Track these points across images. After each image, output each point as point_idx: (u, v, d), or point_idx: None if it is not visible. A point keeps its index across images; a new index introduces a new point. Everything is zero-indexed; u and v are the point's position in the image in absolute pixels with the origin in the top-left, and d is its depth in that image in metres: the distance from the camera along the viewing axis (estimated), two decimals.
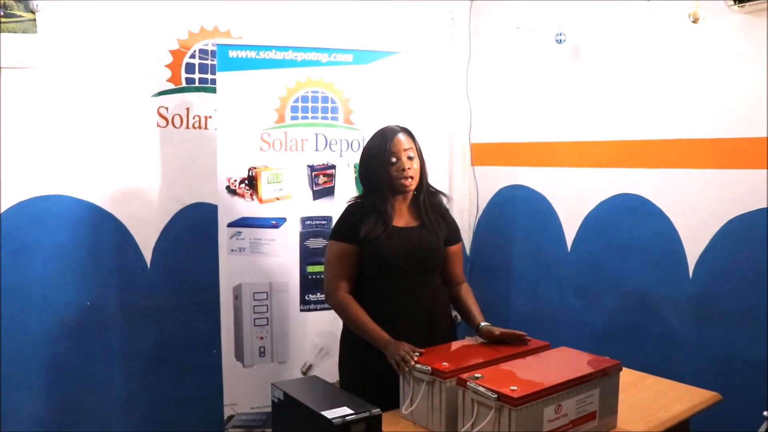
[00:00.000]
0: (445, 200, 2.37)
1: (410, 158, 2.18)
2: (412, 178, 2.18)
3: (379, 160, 2.19)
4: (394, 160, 2.18)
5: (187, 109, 3.02)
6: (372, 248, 2.18)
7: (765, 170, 2.61)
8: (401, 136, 2.20)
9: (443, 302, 2.30)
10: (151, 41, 2.91)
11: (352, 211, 2.26)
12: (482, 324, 2.20)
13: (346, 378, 2.30)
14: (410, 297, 2.20)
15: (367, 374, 2.19)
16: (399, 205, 2.25)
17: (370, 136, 2.27)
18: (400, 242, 2.18)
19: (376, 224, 2.18)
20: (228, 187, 2.83)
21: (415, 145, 2.23)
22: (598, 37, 3.19)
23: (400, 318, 2.18)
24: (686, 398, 2.15)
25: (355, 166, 2.93)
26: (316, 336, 2.91)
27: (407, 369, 1.96)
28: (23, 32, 2.60)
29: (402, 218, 2.25)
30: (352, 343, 2.24)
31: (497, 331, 2.14)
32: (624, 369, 1.99)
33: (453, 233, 2.33)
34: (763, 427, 2.07)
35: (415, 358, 1.96)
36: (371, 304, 2.20)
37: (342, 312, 2.22)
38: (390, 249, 2.16)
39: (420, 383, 1.93)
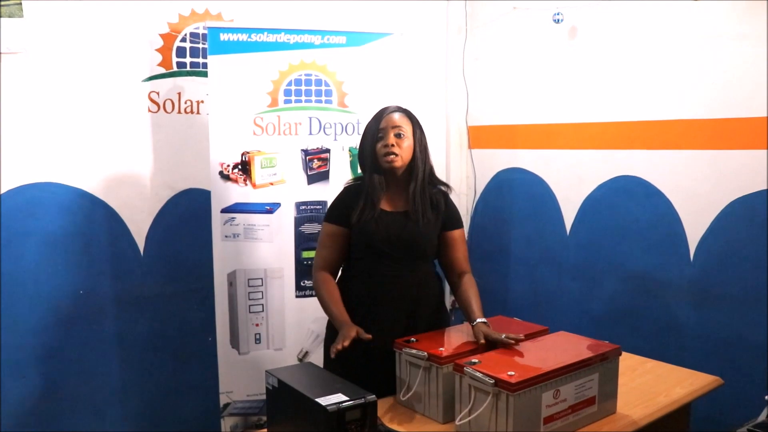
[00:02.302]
0: (447, 191, 2.30)
1: (398, 136, 2.12)
2: (396, 155, 2.11)
3: (369, 136, 2.17)
4: (380, 135, 2.14)
5: (179, 93, 2.98)
6: (359, 230, 2.15)
7: (766, 151, 2.58)
8: (395, 115, 2.15)
9: (431, 291, 2.25)
10: (140, 25, 2.87)
11: (345, 194, 2.23)
12: (477, 321, 2.07)
13: (330, 359, 2.27)
14: (394, 282, 2.16)
15: (351, 357, 2.15)
16: (391, 188, 2.20)
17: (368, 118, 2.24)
18: (386, 227, 2.14)
19: (365, 208, 2.15)
20: (221, 173, 2.80)
21: (412, 128, 2.17)
22: (596, 16, 3.15)
23: (382, 302, 2.15)
24: (687, 382, 2.14)
25: (350, 150, 2.90)
26: (312, 322, 2.89)
27: (332, 356, 1.91)
28: (9, 17, 2.55)
29: (392, 202, 2.20)
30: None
31: (483, 338, 1.98)
32: (624, 353, 1.98)
33: (450, 219, 2.26)
34: (765, 412, 2.04)
35: (339, 347, 1.89)
36: (356, 286, 2.19)
37: (316, 289, 2.20)
38: (376, 233, 2.13)
39: (417, 369, 1.92)
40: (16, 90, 2.62)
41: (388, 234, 2.14)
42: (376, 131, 2.15)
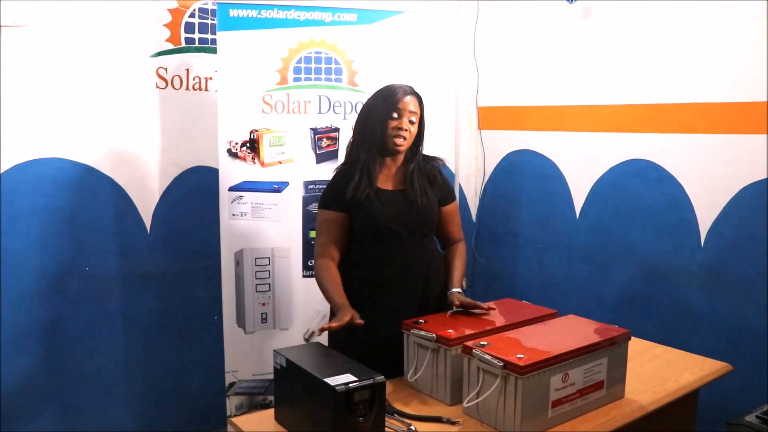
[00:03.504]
0: (440, 164, 2.29)
1: (411, 122, 2.12)
2: (405, 139, 2.11)
3: (383, 112, 2.11)
4: (395, 115, 2.10)
5: (187, 70, 2.95)
6: (361, 212, 2.11)
7: None
8: (410, 98, 2.12)
9: (438, 267, 2.23)
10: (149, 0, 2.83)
11: (338, 178, 2.19)
12: (452, 290, 2.15)
13: (334, 342, 2.26)
14: (403, 262, 2.14)
15: (357, 341, 2.15)
16: (388, 168, 2.18)
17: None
18: (392, 205, 2.12)
19: (360, 184, 2.11)
20: (229, 150, 2.78)
21: (420, 112, 2.16)
22: None
23: (393, 284, 2.13)
24: (696, 368, 2.13)
25: None
26: (319, 302, 2.84)
27: (319, 330, 1.94)
28: None
29: (390, 182, 2.18)
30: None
31: (458, 301, 2.10)
32: (633, 338, 1.97)
33: (446, 193, 2.25)
34: None
35: (327, 326, 1.90)
36: (364, 270, 2.15)
37: (316, 276, 2.16)
38: (381, 212, 2.10)
39: (425, 350, 1.91)
40: (21, 64, 2.59)
41: (396, 212, 2.12)
42: (388, 111, 2.11)
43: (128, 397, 2.99)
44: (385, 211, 2.11)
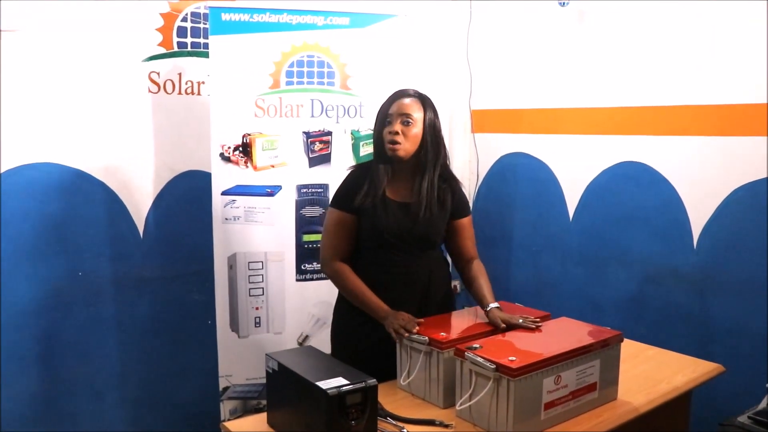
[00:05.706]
0: (458, 186, 2.26)
1: (406, 123, 2.06)
2: (399, 144, 2.05)
3: (379, 120, 2.13)
4: (388, 120, 2.09)
5: (179, 74, 2.94)
6: (368, 221, 2.11)
7: None
8: (406, 100, 2.10)
9: (440, 276, 2.23)
10: (141, 4, 2.83)
11: (351, 179, 2.18)
12: (491, 306, 2.07)
13: (339, 347, 2.27)
14: (405, 271, 2.15)
15: (360, 345, 2.17)
16: (399, 178, 2.15)
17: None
18: (397, 217, 2.11)
19: (367, 192, 2.10)
20: (222, 155, 2.77)
21: (424, 114, 2.10)
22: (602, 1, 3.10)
23: (394, 291, 2.13)
24: (688, 370, 2.13)
25: (352, 133, 2.88)
26: (313, 306, 2.88)
27: (406, 335, 1.92)
28: None
29: (401, 193, 2.15)
30: (346, 312, 2.20)
31: (508, 321, 2.00)
32: (625, 340, 1.97)
33: (458, 207, 2.22)
34: (765, 400, 2.03)
35: (415, 329, 1.92)
36: (366, 275, 2.15)
37: (338, 281, 2.17)
38: (387, 224, 2.09)
39: (417, 354, 1.91)
40: (14, 69, 2.58)
41: (398, 225, 2.11)
42: (383, 118, 2.11)
43: (122, 401, 2.98)
44: (389, 222, 2.10)
